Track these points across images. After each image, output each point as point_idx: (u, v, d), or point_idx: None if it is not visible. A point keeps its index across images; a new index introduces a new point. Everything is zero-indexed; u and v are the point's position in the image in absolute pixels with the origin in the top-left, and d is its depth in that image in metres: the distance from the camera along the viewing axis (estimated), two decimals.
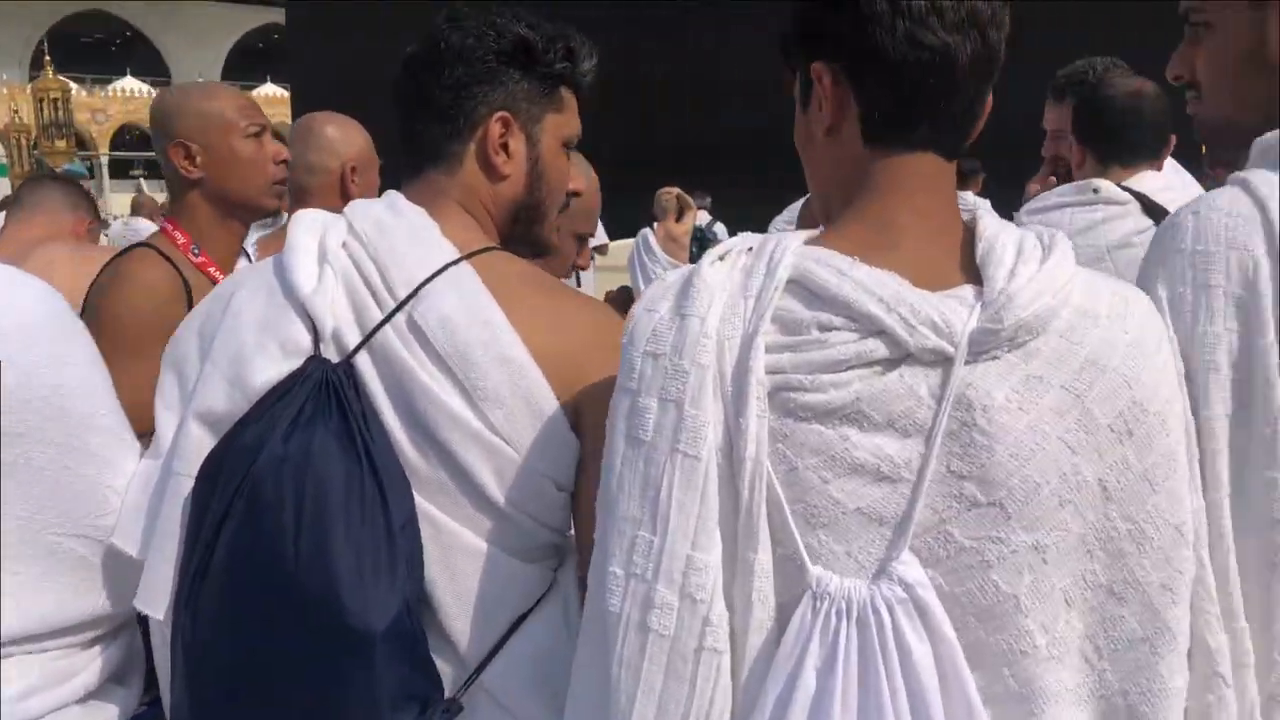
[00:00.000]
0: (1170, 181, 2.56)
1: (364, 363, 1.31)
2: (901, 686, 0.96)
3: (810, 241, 1.07)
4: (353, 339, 1.32)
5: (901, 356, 1.00)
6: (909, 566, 0.98)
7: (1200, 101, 1.37)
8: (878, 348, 0.99)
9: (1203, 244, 1.17)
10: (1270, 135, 1.24)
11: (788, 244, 1.05)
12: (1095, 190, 2.46)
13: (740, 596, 1.00)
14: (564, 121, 1.50)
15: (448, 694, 1.29)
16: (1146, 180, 2.53)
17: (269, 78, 38.58)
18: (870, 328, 0.99)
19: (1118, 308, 1.06)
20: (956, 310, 1.00)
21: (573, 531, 1.39)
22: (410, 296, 1.32)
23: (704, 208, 8.51)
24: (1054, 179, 3.11)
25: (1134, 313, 1.07)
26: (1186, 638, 1.08)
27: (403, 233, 1.37)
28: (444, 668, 1.30)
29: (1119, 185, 2.48)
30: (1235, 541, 1.13)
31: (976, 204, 1.16)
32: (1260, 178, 1.19)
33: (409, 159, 1.49)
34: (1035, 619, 1.01)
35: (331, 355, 1.32)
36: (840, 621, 0.97)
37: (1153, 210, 2.39)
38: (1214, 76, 1.34)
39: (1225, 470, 1.13)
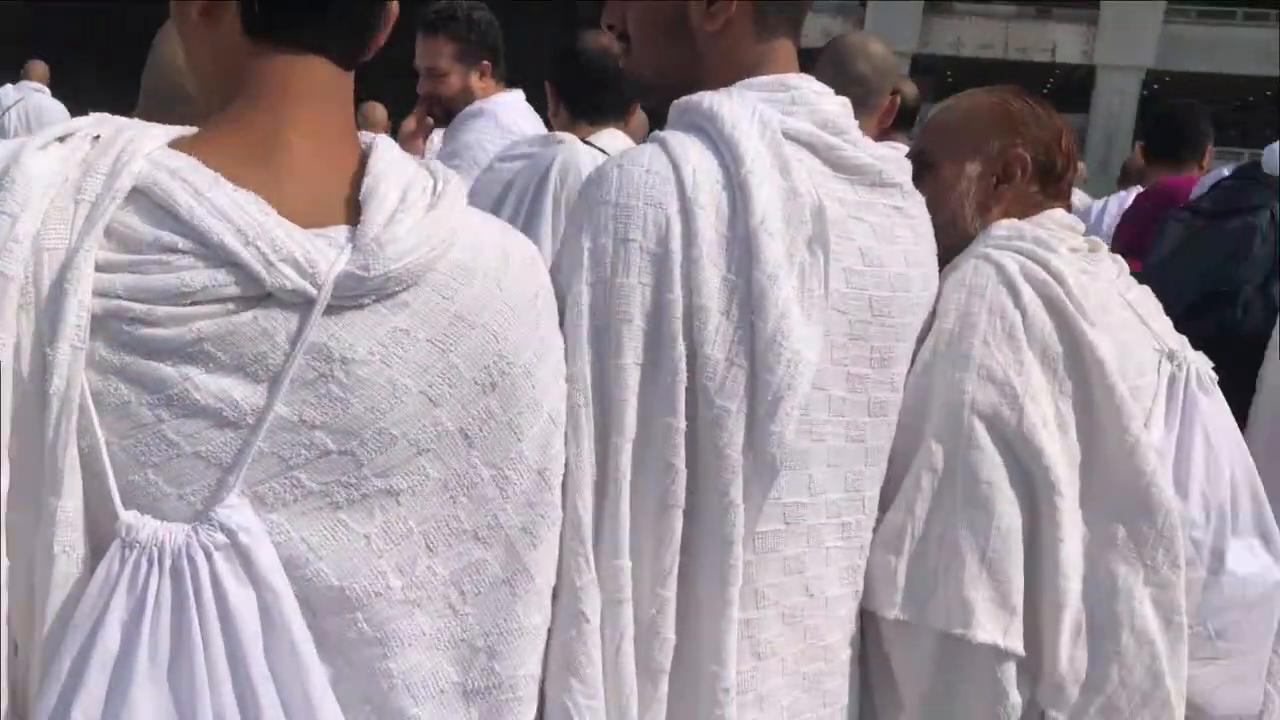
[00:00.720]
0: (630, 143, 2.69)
1: None
2: (219, 635, 0.90)
3: (176, 144, 0.96)
4: None
5: (260, 295, 0.92)
6: (235, 511, 0.92)
7: (629, 56, 1.42)
8: (229, 283, 0.90)
9: (624, 198, 1.20)
10: (685, 99, 1.31)
11: (142, 144, 0.93)
12: (559, 143, 2.53)
13: (42, 547, 0.90)
14: None
15: None
16: (610, 139, 2.63)
17: None
18: (222, 259, 0.90)
19: (497, 263, 1.05)
20: (325, 251, 0.93)
21: None
22: None
23: None
24: (430, 119, 3.10)
25: (512, 269, 1.06)
26: (548, 578, 1.12)
27: None
28: None
29: (583, 141, 2.57)
30: (635, 482, 1.19)
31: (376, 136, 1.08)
32: (677, 139, 1.25)
33: None
34: (390, 560, 0.99)
35: None
36: (151, 569, 0.89)
37: None
38: (641, 36, 1.38)
39: (632, 416, 1.18)
